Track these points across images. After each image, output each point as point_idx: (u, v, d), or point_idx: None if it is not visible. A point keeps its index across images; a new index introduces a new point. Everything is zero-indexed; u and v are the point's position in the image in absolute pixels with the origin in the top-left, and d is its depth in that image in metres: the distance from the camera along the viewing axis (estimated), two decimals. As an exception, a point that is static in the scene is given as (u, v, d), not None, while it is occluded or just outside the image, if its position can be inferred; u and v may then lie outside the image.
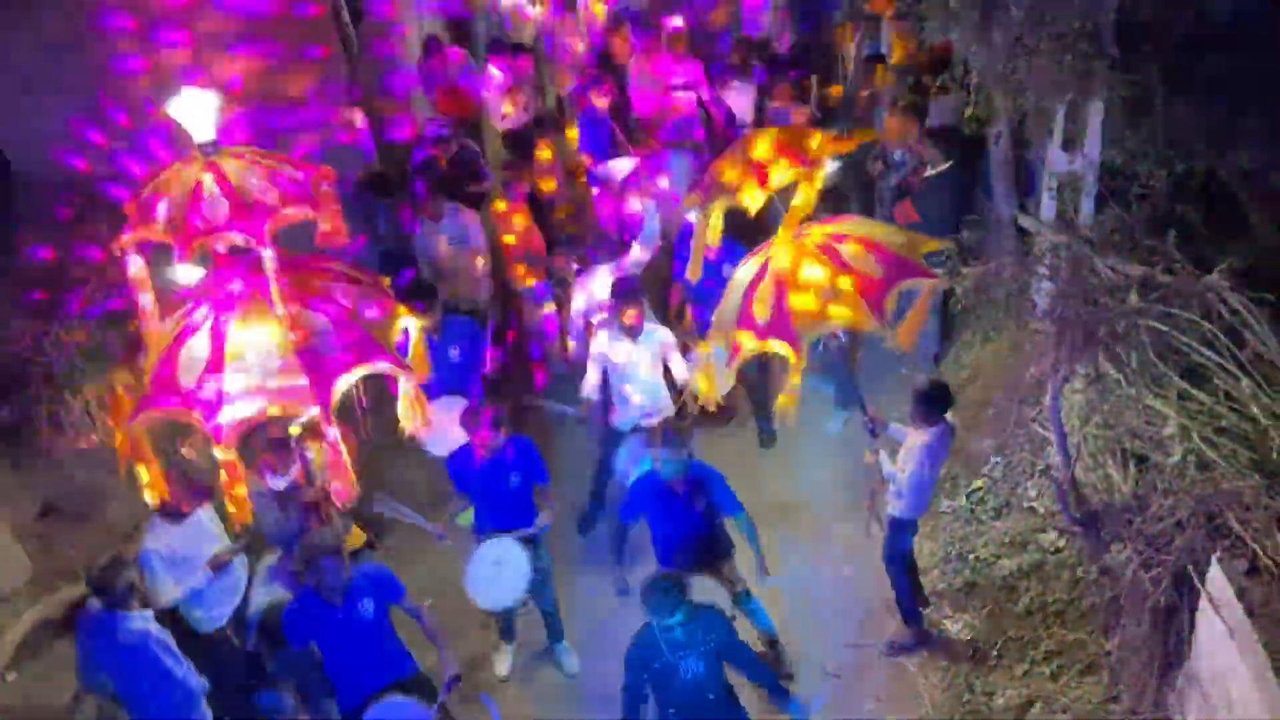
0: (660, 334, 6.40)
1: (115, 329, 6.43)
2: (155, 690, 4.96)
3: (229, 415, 4.48)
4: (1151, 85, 5.47)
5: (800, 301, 4.86)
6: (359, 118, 8.48)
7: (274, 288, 4.50)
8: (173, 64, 7.35)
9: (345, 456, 4.77)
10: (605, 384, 6.50)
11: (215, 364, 4.54)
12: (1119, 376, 5.14)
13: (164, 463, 5.01)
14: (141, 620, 4.95)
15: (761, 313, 4.88)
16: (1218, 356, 4.92)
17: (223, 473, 4.61)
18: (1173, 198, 5.39)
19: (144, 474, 4.82)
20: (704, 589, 5.07)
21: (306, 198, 4.75)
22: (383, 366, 4.69)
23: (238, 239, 4.51)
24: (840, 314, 4.85)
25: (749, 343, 4.89)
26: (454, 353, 6.61)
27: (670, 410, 6.42)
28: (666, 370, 6.48)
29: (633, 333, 6.26)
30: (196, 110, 4.54)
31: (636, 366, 6.34)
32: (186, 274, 4.80)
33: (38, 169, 7.30)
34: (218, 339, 4.59)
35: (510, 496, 5.69)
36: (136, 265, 4.73)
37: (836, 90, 9.01)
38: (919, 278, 4.97)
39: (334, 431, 4.61)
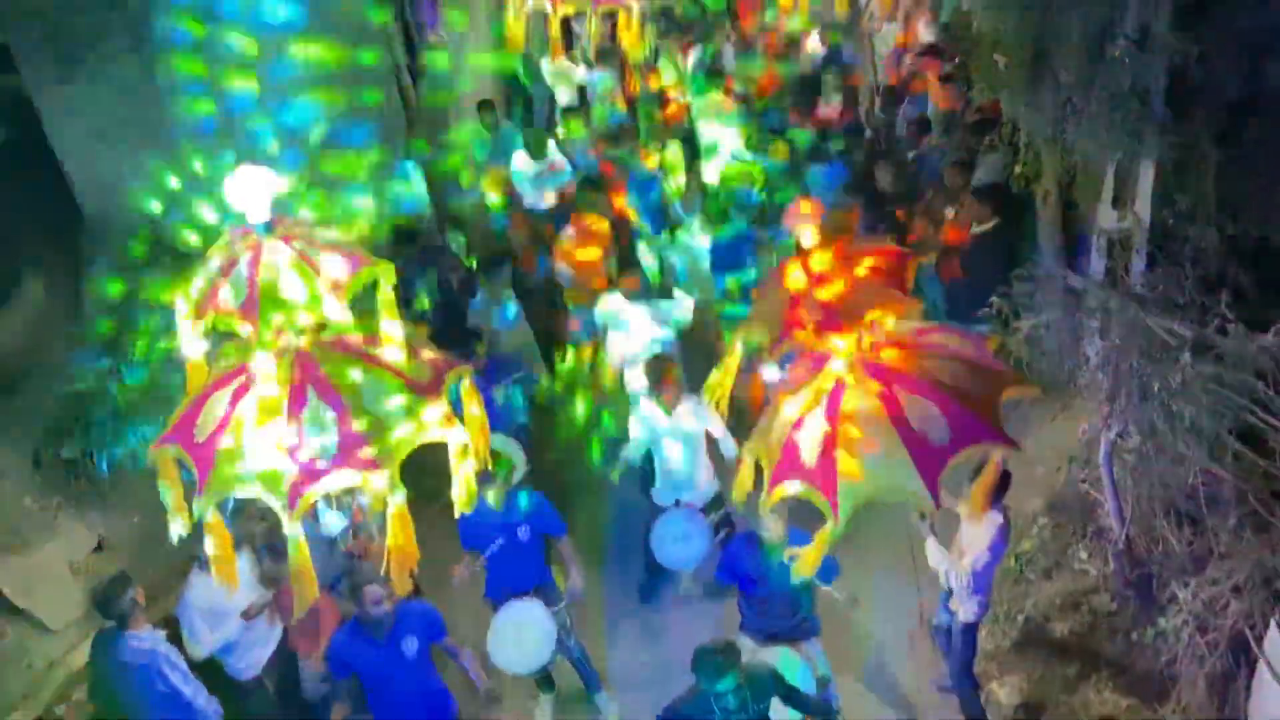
0: (696, 409, 6.18)
1: (178, 370, 6.59)
2: (163, 710, 4.99)
3: (214, 484, 4.58)
4: (1203, 147, 5.49)
5: (848, 461, 4.28)
6: (419, 177, 8.66)
7: (274, 374, 4.55)
8: (240, 113, 7.61)
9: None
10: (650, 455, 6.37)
11: (221, 427, 4.64)
12: (1173, 436, 5.08)
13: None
14: (150, 639, 5.00)
15: (811, 458, 4.36)
16: (1273, 419, 4.86)
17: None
18: (1225, 259, 5.37)
19: (169, 499, 4.90)
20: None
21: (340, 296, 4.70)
22: (363, 479, 4.60)
23: (235, 325, 4.56)
24: (887, 484, 4.28)
25: (794, 489, 4.40)
26: (498, 393, 6.68)
27: (711, 489, 6.30)
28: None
29: (668, 406, 6.17)
30: (252, 189, 4.61)
31: (673, 441, 6.24)
32: (190, 347, 4.88)
33: (108, 213, 7.55)
34: (232, 404, 4.69)
35: (521, 552, 5.60)
36: (184, 313, 4.85)
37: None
38: (992, 442, 4.37)
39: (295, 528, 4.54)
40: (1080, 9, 5.46)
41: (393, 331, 4.94)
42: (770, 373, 4.76)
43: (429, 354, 5.25)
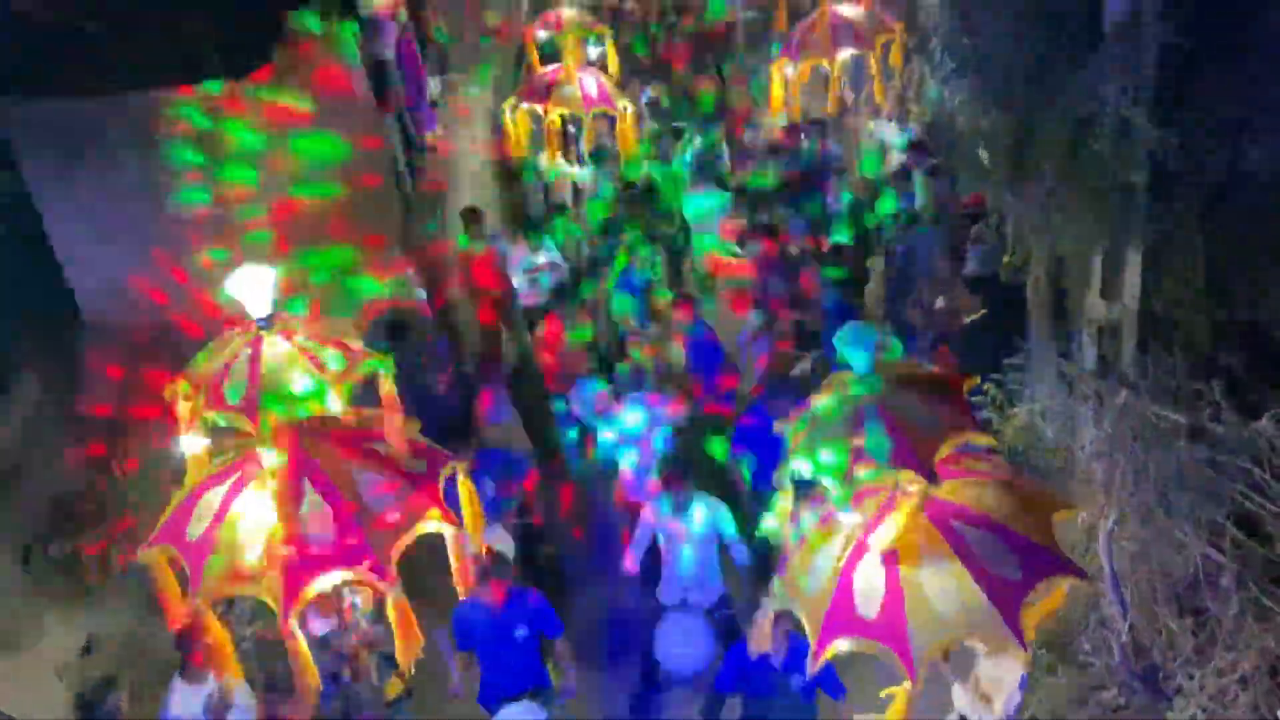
0: (708, 509, 6.04)
1: (171, 469, 6.57)
2: None
3: (208, 582, 4.57)
4: (1187, 235, 5.57)
5: (918, 609, 4.00)
6: (413, 272, 8.76)
7: (273, 477, 4.60)
8: (240, 214, 7.72)
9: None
10: (654, 555, 6.21)
11: (215, 524, 4.66)
12: (1170, 523, 5.05)
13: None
14: None
15: (871, 609, 4.09)
16: (1271, 504, 4.83)
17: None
18: (1215, 345, 5.41)
19: (164, 598, 4.92)
20: None
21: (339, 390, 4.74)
22: (359, 574, 4.67)
23: (238, 421, 4.58)
24: (965, 629, 4.06)
25: (846, 646, 4.15)
26: (489, 485, 6.62)
27: (718, 590, 6.13)
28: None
29: (679, 507, 6.02)
30: (254, 286, 4.67)
31: (685, 541, 6.07)
32: (189, 444, 4.86)
33: (106, 309, 7.61)
34: (226, 501, 4.72)
35: (515, 652, 5.45)
36: (184, 409, 4.86)
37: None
38: (1063, 575, 4.20)
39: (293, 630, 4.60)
40: (1059, 103, 5.61)
41: (392, 426, 4.96)
42: (848, 518, 4.44)
43: (423, 448, 5.27)
